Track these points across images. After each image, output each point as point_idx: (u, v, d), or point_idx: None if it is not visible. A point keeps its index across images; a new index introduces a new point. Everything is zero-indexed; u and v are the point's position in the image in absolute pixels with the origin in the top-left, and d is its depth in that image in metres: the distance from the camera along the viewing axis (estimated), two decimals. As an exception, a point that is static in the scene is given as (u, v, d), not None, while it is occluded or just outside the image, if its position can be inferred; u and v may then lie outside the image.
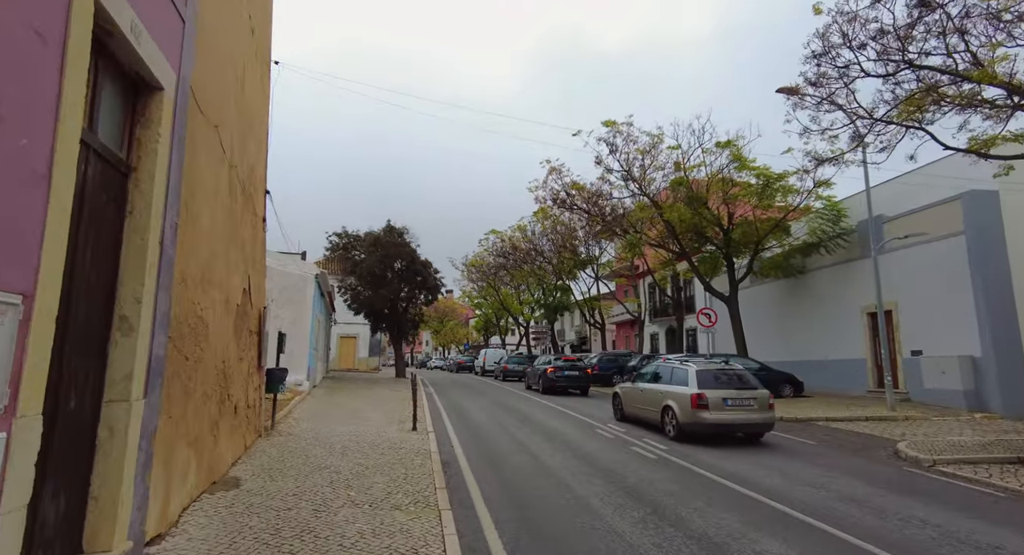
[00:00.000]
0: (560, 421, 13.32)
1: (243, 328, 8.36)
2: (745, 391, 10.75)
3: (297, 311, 18.22)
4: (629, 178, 22.51)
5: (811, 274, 21.22)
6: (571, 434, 11.37)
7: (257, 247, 9.63)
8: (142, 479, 3.86)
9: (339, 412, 13.69)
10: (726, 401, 10.48)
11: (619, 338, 42.82)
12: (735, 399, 10.55)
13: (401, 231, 29.66)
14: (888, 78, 10.62)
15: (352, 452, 8.69)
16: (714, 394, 10.46)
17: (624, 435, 11.29)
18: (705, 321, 17.98)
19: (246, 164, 8.48)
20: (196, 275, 5.68)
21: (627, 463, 8.61)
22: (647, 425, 12.24)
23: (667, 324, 33.88)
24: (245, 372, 8.58)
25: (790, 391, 18.71)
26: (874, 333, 18.07)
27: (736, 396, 10.59)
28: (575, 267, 37.52)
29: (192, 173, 5.37)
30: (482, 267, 47.57)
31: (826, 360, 20.09)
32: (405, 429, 11.12)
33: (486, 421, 13.39)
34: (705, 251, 23.03)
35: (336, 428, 11.05)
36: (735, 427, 10.62)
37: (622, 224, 24.55)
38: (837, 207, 18.79)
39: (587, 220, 26.62)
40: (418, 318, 32.69)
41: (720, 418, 10.36)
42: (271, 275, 18.10)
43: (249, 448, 8.61)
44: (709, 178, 21.22)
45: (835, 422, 13.14)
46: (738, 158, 20.15)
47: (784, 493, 6.89)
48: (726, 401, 10.48)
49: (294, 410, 13.66)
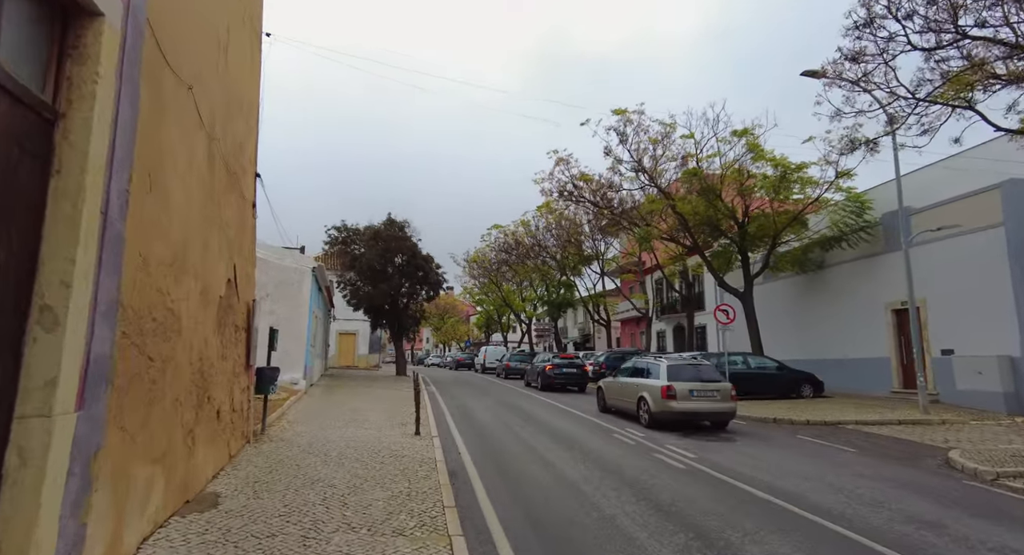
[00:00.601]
0: (565, 421, 12.47)
1: (228, 323, 7.50)
2: (709, 383, 11.92)
3: (293, 306, 17.36)
4: (640, 169, 21.63)
5: (830, 269, 20.35)
6: (579, 434, 10.52)
7: (245, 234, 8.77)
8: (72, 515, 3.00)
9: (337, 413, 12.85)
10: (692, 392, 11.67)
11: (624, 335, 41.99)
12: (700, 390, 11.73)
13: (402, 224, 28.79)
14: (934, 52, 9.73)
15: (349, 461, 7.84)
16: (682, 386, 11.67)
17: (642, 439, 10.45)
18: (723, 318, 17.11)
19: (232, 141, 7.61)
20: (165, 260, 4.82)
21: (653, 473, 7.76)
22: (627, 416, 13.33)
23: (675, 321, 33.04)
24: (230, 372, 7.72)
25: (810, 391, 17.87)
26: (899, 331, 17.21)
27: (701, 388, 11.77)
28: (580, 263, 36.69)
29: (158, 137, 4.50)
30: (484, 263, 46.75)
31: (846, 359, 19.23)
32: (407, 433, 10.27)
33: (491, 421, 12.54)
34: (719, 245, 22.14)
35: (333, 432, 10.20)
36: (700, 415, 11.81)
37: (631, 217, 23.66)
38: (860, 198, 17.90)
39: (594, 213, 25.72)
40: (419, 314, 31.81)
41: (686, 407, 11.57)
42: (265, 268, 17.23)
43: (234, 457, 7.75)
44: (723, 169, 20.34)
45: (866, 426, 12.28)
46: (754, 148, 19.26)
47: (838, 510, 6.04)
48: (692, 392, 11.67)
49: (288, 411, 12.82)
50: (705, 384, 11.85)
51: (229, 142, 7.48)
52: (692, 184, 20.90)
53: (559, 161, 22.89)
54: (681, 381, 11.77)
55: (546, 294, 41.79)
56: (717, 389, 11.84)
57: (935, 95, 10.06)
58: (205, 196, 6.21)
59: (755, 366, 18.28)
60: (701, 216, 20.77)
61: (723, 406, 11.76)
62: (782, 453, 9.47)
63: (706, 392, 11.74)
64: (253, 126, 9.34)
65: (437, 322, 78.31)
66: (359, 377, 28.12)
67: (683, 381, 11.78)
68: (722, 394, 11.79)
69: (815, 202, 19.13)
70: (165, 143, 4.74)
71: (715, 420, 11.99)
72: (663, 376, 11.95)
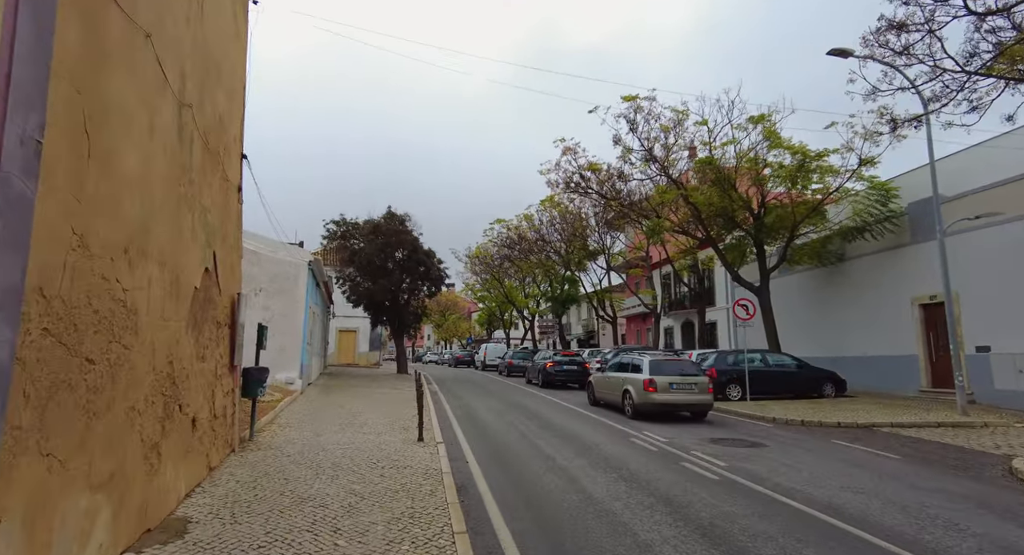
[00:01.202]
0: (576, 421, 11.62)
1: (207, 319, 6.64)
2: (688, 377, 12.93)
3: (288, 302, 16.51)
4: (651, 159, 20.72)
5: (850, 262, 19.46)
6: (595, 438, 9.66)
7: (229, 220, 7.90)
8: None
9: (333, 416, 11.99)
10: (672, 385, 12.66)
11: (630, 332, 41.12)
12: (679, 383, 12.75)
13: (403, 218, 27.89)
14: (986, 19, 8.80)
15: (345, 472, 6.98)
16: (662, 379, 12.67)
17: (664, 446, 9.59)
18: (742, 313, 16.22)
19: (211, 113, 6.73)
20: (115, 241, 3.95)
21: (685, 485, 6.90)
22: (615, 407, 14.25)
23: (683, 317, 32.17)
24: (211, 374, 6.87)
25: (832, 390, 16.99)
26: (927, 326, 16.33)
27: (680, 381, 12.78)
28: (585, 258, 35.81)
29: (98, 86, 3.62)
30: (486, 258, 45.89)
31: (868, 356, 18.36)
32: (410, 439, 9.41)
33: (497, 423, 11.69)
34: (733, 238, 21.24)
35: (328, 438, 9.34)
36: (679, 406, 12.80)
37: (641, 209, 22.76)
38: (886, 186, 16.97)
39: (603, 205, 24.81)
40: (420, 311, 30.93)
41: (666, 399, 12.56)
42: (259, 262, 16.38)
43: (215, 470, 6.89)
44: (738, 158, 19.43)
45: (903, 428, 11.41)
46: (771, 135, 18.33)
47: (912, 535, 5.18)
48: (672, 385, 12.66)
49: (281, 414, 11.97)
50: (684, 378, 12.88)
51: (208, 114, 6.60)
52: (706, 173, 20.00)
53: (566, 150, 22.01)
54: (662, 375, 12.78)
55: (550, 290, 40.91)
56: (695, 382, 12.86)
57: (988, 68, 9.15)
58: (175, 171, 5.34)
59: (774, 364, 17.40)
60: (715, 207, 19.87)
61: (700, 398, 12.79)
62: (821, 461, 8.60)
63: (685, 385, 12.76)
64: (239, 102, 8.46)
65: (438, 319, 77.46)
66: (359, 376, 27.29)
67: (664, 375, 12.79)
68: (699, 387, 12.83)
69: (836, 191, 18.18)
70: (113, 98, 3.86)
71: (693, 411, 13.01)
72: (646, 370, 12.96)
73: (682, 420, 12.84)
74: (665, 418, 12.61)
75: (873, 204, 17.29)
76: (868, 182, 17.91)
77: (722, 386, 16.83)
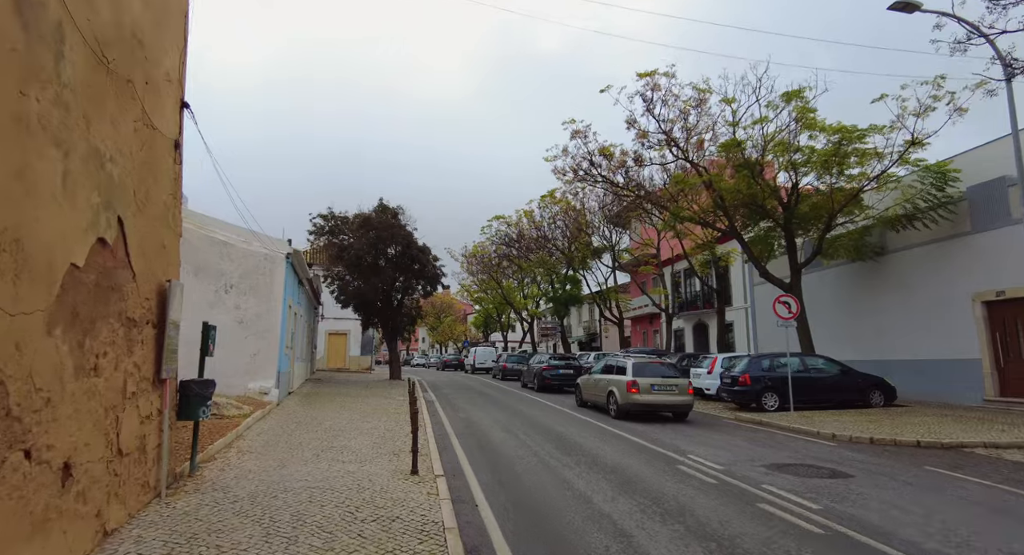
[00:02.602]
0: (599, 441, 9.59)
1: (103, 314, 4.57)
2: (670, 379, 13.48)
3: (263, 300, 14.39)
4: (671, 143, 18.74)
5: (894, 255, 17.52)
6: (630, 464, 7.62)
7: (156, 181, 5.82)
8: None
9: (310, 436, 9.88)
10: (654, 387, 13.14)
11: (635, 334, 39.13)
12: (661, 385, 13.24)
13: (396, 211, 25.81)
14: None
15: (308, 533, 4.92)
16: (645, 381, 13.14)
17: (722, 475, 7.54)
18: (783, 311, 14.23)
19: (110, 19, 4.67)
20: None
21: (779, 542, 4.87)
22: (601, 408, 14.72)
23: (695, 318, 30.20)
24: (113, 392, 4.79)
25: (880, 399, 15.03)
26: (993, 327, 14.38)
27: (662, 383, 13.28)
28: (588, 256, 33.82)
29: None
30: (484, 258, 43.88)
31: (917, 360, 16.41)
32: (401, 469, 7.36)
33: (507, 441, 9.62)
34: (760, 229, 19.27)
35: (296, 470, 7.27)
36: (661, 407, 13.26)
37: (656, 199, 20.76)
38: (944, 168, 15.02)
39: (613, 196, 22.77)
40: (415, 312, 28.80)
41: (648, 400, 13.02)
42: (231, 255, 14.28)
43: (114, 533, 4.79)
44: (766, 140, 17.46)
45: (1004, 451, 9.42)
46: (805, 113, 16.35)
47: None
48: (654, 387, 13.14)
49: (247, 433, 9.86)
50: (666, 380, 13.38)
51: (105, 18, 4.54)
52: (731, 157, 18.03)
53: (575, 134, 19.91)
54: (645, 377, 13.23)
55: (551, 290, 38.86)
56: (676, 384, 13.41)
57: None
58: (11, 69, 3.28)
59: (813, 368, 15.41)
60: (743, 195, 17.90)
61: (681, 399, 13.28)
62: (939, 501, 6.57)
63: (666, 386, 13.25)
64: (174, 27, 6.39)
65: (433, 321, 75.29)
66: (348, 382, 25.15)
67: (646, 377, 13.24)
68: (680, 388, 13.35)
69: (879, 177, 16.21)
70: None
71: (674, 411, 13.47)
72: (629, 372, 13.41)
73: (728, 442, 10.86)
74: (647, 418, 13.04)
75: (927, 188, 15.34)
76: (915, 166, 15.96)
77: (756, 395, 14.88)
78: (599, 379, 15.01)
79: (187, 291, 14.29)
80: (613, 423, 12.86)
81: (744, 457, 9.10)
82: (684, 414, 13.54)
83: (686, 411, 13.51)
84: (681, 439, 10.72)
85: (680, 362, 20.90)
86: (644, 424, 12.76)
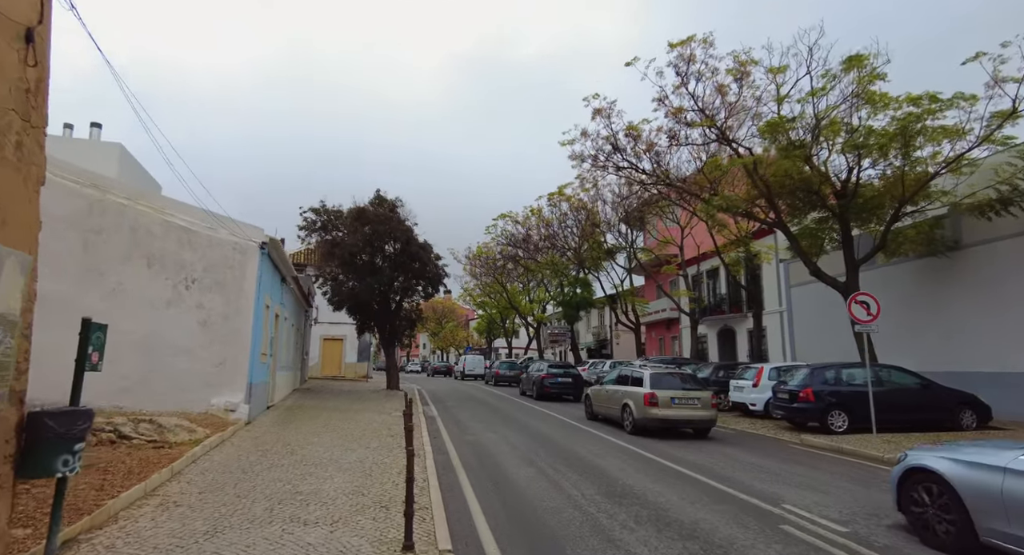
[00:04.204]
0: (662, 484, 7.17)
1: None
2: (691, 392, 12.37)
3: (231, 297, 11.97)
4: (709, 123, 16.38)
5: (972, 250, 15.11)
6: (724, 532, 5.19)
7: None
8: None
9: (271, 475, 7.44)
10: (673, 400, 12.09)
11: (650, 342, 36.60)
12: (681, 398, 12.16)
13: (394, 203, 23.39)
14: None
15: None
16: (663, 393, 12.10)
17: (842, 538, 5.11)
18: (862, 313, 11.78)
19: None
20: None
21: None
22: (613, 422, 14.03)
23: (720, 324, 27.74)
24: None
25: (972, 419, 12.59)
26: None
27: (683, 395, 12.20)
28: (602, 257, 31.46)
29: None
30: (489, 259, 41.60)
31: (1005, 373, 13.94)
32: (388, 540, 4.93)
33: (533, 481, 7.17)
34: (811, 220, 16.86)
35: (231, 543, 4.82)
36: (681, 423, 12.11)
37: (690, 188, 18.37)
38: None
39: (638, 186, 20.34)
40: (415, 315, 26.32)
41: (668, 414, 11.98)
42: (189, 241, 11.91)
43: None
44: (819, 117, 15.09)
45: None
46: (872, 80, 13.96)
47: None
48: (673, 400, 12.09)
49: (188, 470, 7.41)
50: (687, 392, 12.34)
51: None
52: (777, 138, 15.65)
53: (597, 112, 17.52)
54: (663, 389, 12.21)
55: (561, 293, 36.41)
56: (698, 397, 12.30)
57: None
58: None
59: (888, 382, 12.97)
60: (793, 181, 15.52)
61: (703, 414, 12.20)
62: None
63: (687, 400, 12.20)
64: None
65: (435, 327, 72.78)
66: (341, 392, 22.67)
67: (665, 389, 12.23)
68: (703, 402, 12.26)
69: (959, 157, 13.78)
70: None
71: (696, 427, 12.37)
72: (646, 384, 12.39)
73: (818, 481, 8.44)
74: (666, 434, 12.10)
75: (1029, 168, 12.90)
76: (1002, 145, 13.55)
77: (821, 413, 12.48)
78: (613, 391, 13.91)
79: (138, 286, 11.85)
80: (651, 448, 10.43)
81: (859, 507, 6.68)
82: (706, 430, 12.51)
83: (708, 427, 12.45)
84: (757, 477, 8.27)
85: (715, 373, 18.46)
86: (688, 449, 10.34)
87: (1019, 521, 4.58)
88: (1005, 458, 4.92)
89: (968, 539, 5.03)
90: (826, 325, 20.54)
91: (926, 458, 5.62)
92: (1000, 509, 4.74)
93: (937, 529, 5.33)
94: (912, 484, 5.66)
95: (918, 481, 5.60)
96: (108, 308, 11.31)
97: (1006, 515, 4.69)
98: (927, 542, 5.40)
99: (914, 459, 5.76)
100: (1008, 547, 4.69)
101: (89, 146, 17.29)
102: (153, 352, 11.41)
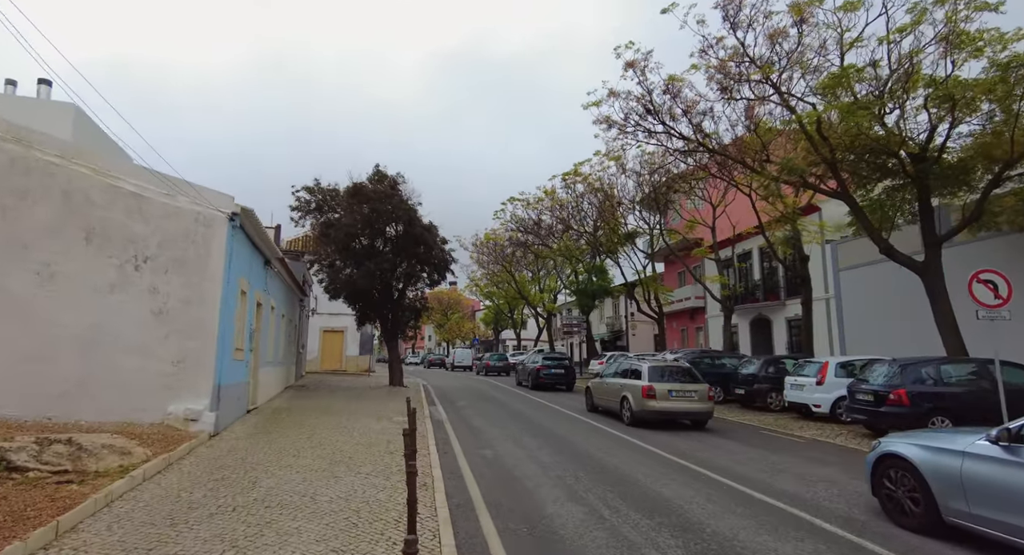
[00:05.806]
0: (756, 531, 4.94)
1: None
2: (688, 384, 12.71)
3: (193, 281, 9.68)
4: (767, 72, 13.93)
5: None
6: None
7: None
8: None
9: (213, 527, 5.16)
10: (671, 393, 12.43)
11: (672, 332, 34.19)
12: (679, 391, 12.50)
13: (395, 180, 21.03)
14: None
15: None
16: (661, 386, 12.47)
17: None
18: (986, 296, 9.45)
19: None
20: None
21: None
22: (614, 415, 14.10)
23: (753, 312, 25.34)
24: None
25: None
26: None
27: (680, 388, 12.54)
28: (621, 242, 29.07)
29: None
30: (496, 246, 39.29)
31: None
32: None
33: (583, 528, 4.99)
34: (883, 190, 14.44)
35: None
36: (678, 415, 12.58)
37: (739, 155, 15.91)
38: None
39: (677, 153, 17.85)
40: (420, 305, 24.03)
41: (665, 407, 12.35)
42: (144, 212, 9.67)
43: None
44: (904, 60, 12.65)
45: None
46: (978, 10, 11.51)
47: None
48: (671, 393, 12.43)
49: (88, 525, 5.13)
50: (684, 385, 12.60)
51: None
52: (844, 92, 13.21)
53: (628, 65, 15.00)
54: (661, 382, 12.52)
55: (575, 281, 34.03)
56: (695, 390, 12.59)
57: None
58: None
59: (1006, 382, 10.56)
60: (865, 142, 13.10)
61: (700, 406, 12.53)
62: None
63: (684, 393, 12.48)
64: None
65: (440, 318, 70.51)
66: (340, 389, 20.47)
67: (663, 382, 12.53)
68: (699, 395, 12.56)
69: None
70: None
71: (693, 419, 12.79)
72: (645, 377, 12.68)
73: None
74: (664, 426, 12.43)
75: None
76: None
77: (922, 418, 10.12)
78: (612, 383, 14.24)
79: (77, 266, 9.48)
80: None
81: None
82: (703, 423, 12.85)
83: (705, 419, 12.82)
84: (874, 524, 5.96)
85: (764, 368, 16.14)
86: (748, 465, 8.03)
87: (977, 501, 4.93)
88: (964, 443, 5.22)
89: (933, 518, 5.34)
90: (881, 313, 18.18)
91: (897, 445, 5.92)
92: (959, 491, 5.09)
93: (906, 509, 5.60)
94: (884, 469, 5.95)
95: (888, 466, 5.90)
96: (36, 293, 9.07)
97: (965, 496, 5.03)
98: (899, 523, 5.66)
99: (886, 446, 6.05)
100: (968, 525, 5.04)
101: (37, 105, 15.00)
102: (95, 349, 9.17)
